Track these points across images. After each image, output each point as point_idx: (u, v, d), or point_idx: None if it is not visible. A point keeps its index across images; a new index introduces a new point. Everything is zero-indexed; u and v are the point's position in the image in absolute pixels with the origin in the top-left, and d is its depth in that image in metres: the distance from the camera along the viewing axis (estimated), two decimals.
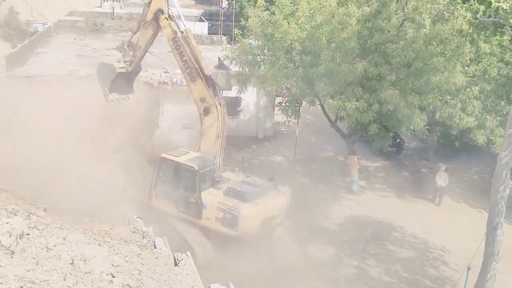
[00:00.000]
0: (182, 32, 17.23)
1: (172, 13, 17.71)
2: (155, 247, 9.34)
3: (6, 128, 17.50)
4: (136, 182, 17.78)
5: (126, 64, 18.96)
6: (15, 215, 6.20)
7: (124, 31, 40.79)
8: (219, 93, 17.09)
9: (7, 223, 5.53)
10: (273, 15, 20.71)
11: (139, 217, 14.16)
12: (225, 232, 15.58)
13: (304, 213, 20.19)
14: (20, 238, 5.53)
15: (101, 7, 52.04)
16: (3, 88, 21.62)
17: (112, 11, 46.68)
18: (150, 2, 17.90)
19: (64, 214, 9.11)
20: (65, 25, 40.76)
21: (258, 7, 21.50)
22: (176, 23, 17.46)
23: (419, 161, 27.34)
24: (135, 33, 18.80)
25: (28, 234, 5.86)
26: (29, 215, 6.63)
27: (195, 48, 16.97)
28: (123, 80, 19.06)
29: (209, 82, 16.86)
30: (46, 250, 5.85)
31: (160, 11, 17.38)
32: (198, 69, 16.74)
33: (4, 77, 24.31)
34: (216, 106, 16.68)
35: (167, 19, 17.29)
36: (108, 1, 53.13)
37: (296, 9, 20.36)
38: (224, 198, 15.75)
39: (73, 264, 5.88)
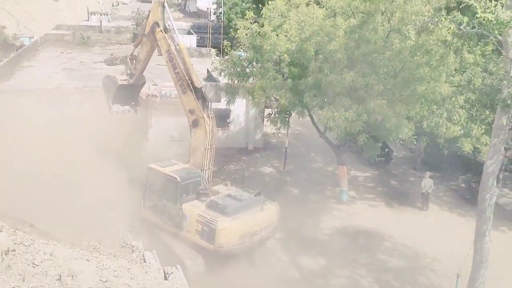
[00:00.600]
0: (176, 45, 17.49)
1: (168, 26, 18.08)
2: (145, 261, 9.29)
3: None
4: (125, 195, 17.67)
5: (128, 77, 19.40)
6: (1, 231, 6.11)
7: (112, 44, 40.87)
8: (209, 105, 17.11)
9: None
10: (261, 27, 20.83)
11: (128, 231, 14.08)
12: (203, 246, 15.41)
13: (295, 223, 20.19)
14: (6, 254, 5.45)
15: (88, 20, 52.08)
16: None
17: (99, 25, 46.71)
18: (148, 16, 18.52)
19: (51, 229, 9.02)
20: (52, 38, 40.73)
21: (247, 19, 21.62)
22: (172, 36, 17.79)
23: (408, 170, 27.52)
24: (137, 47, 19.24)
25: (14, 250, 5.78)
26: (15, 231, 6.54)
27: (187, 61, 17.22)
28: (126, 92, 19.51)
29: (199, 94, 17.02)
30: (33, 266, 5.77)
31: (156, 24, 17.84)
32: (189, 82, 16.92)
33: None
34: (205, 118, 16.78)
35: (162, 32, 17.66)
36: (96, 14, 53.24)
37: (284, 21, 20.49)
38: (204, 210, 15.65)
39: (60, 280, 5.81)
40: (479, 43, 17.79)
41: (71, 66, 31.58)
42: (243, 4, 50.61)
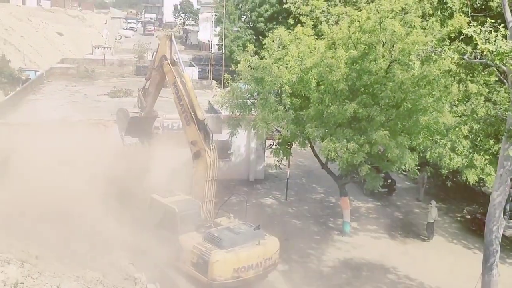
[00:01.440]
0: (181, 78, 17.86)
1: (176, 59, 18.45)
2: None
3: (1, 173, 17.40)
4: (127, 227, 17.55)
5: (140, 110, 19.84)
6: (9, 263, 6.06)
7: (115, 76, 41.27)
8: (211, 137, 17.20)
9: (1, 272, 5.40)
10: (262, 59, 21.06)
11: (130, 263, 13.95)
12: (197, 278, 15.19)
13: (297, 255, 19.97)
14: (15, 287, 5.39)
15: (92, 54, 52.84)
16: None
17: (103, 58, 47.32)
18: (157, 49, 18.91)
19: (56, 261, 8.93)
20: (57, 72, 41.08)
21: (248, 52, 21.89)
22: (178, 69, 18.15)
23: (411, 201, 27.38)
24: (148, 80, 19.64)
25: (23, 283, 5.72)
26: (22, 264, 6.48)
27: (192, 94, 17.53)
28: (139, 125, 19.90)
29: (201, 126, 17.15)
30: None
31: (164, 57, 18.26)
32: (193, 114, 17.13)
33: None
34: (206, 150, 16.88)
35: (169, 65, 18.06)
36: (99, 48, 54.06)
37: (286, 53, 20.74)
38: (200, 242, 15.50)
39: None
40: (482, 73, 17.92)
41: (75, 99, 31.82)
42: (245, 36, 51.42)
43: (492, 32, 10.77)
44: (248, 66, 21.23)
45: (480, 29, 10.35)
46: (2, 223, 12.76)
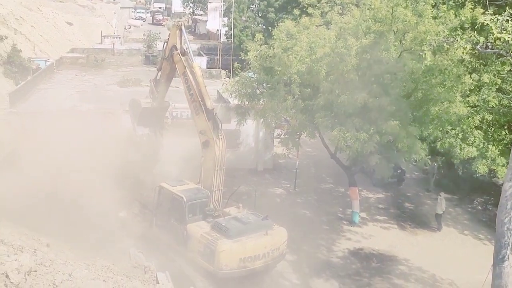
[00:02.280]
0: (191, 68, 17.90)
1: (186, 48, 18.50)
2: (158, 282, 9.20)
3: (11, 163, 17.55)
4: (136, 215, 17.68)
5: (152, 100, 19.89)
6: (22, 251, 6.09)
7: (124, 66, 41.29)
8: (220, 127, 17.22)
9: (15, 260, 5.43)
10: (272, 49, 20.95)
11: (140, 252, 14.01)
12: (204, 266, 15.26)
13: (306, 245, 19.97)
14: (28, 275, 5.42)
15: (101, 43, 52.80)
16: (7, 124, 21.73)
17: (112, 47, 47.32)
18: (167, 39, 18.91)
19: (66, 249, 8.98)
20: (67, 61, 41.20)
21: (257, 41, 21.77)
22: (189, 59, 18.20)
23: (421, 192, 27.22)
24: (159, 71, 19.68)
25: (36, 271, 5.75)
26: (35, 251, 6.52)
27: (201, 83, 17.56)
28: (151, 115, 19.91)
29: (210, 115, 17.18)
30: (53, 287, 5.73)
31: (174, 47, 18.29)
32: (202, 103, 17.15)
33: (8, 114, 24.44)
34: (215, 140, 16.90)
35: (179, 55, 18.12)
36: (109, 37, 54.03)
37: (295, 43, 20.60)
38: (208, 231, 15.55)
39: None
40: (495, 63, 17.68)
41: (85, 89, 31.89)
42: (254, 26, 51.17)
43: (509, 21, 10.54)
44: (257, 56, 21.13)
45: (497, 18, 10.14)
46: (14, 211, 12.87)
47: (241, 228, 15.51)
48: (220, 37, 55.34)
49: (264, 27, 48.60)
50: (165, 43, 19.12)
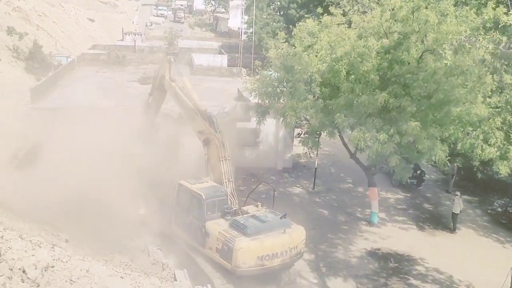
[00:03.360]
0: (180, 85, 19.24)
1: (176, 72, 19.81)
2: (175, 280, 9.29)
3: (33, 158, 17.87)
4: (155, 213, 17.85)
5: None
6: (40, 247, 6.20)
7: (145, 63, 41.61)
8: (215, 122, 17.85)
9: (33, 255, 5.53)
10: (293, 47, 20.90)
11: (158, 249, 14.16)
12: (222, 264, 15.31)
13: (324, 245, 19.94)
14: (45, 270, 5.51)
15: (122, 40, 53.30)
16: (28, 120, 22.09)
17: (133, 44, 47.73)
18: (158, 70, 20.71)
19: (85, 245, 9.12)
20: (88, 58, 41.63)
21: (278, 39, 21.74)
22: (176, 80, 19.48)
23: (440, 193, 26.96)
24: (151, 96, 21.22)
25: (53, 267, 5.84)
26: (53, 247, 6.63)
27: (192, 93, 18.95)
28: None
29: (204, 115, 18.03)
30: (70, 283, 5.82)
31: (164, 77, 19.86)
32: (195, 108, 18.29)
33: (29, 109, 24.83)
34: (213, 133, 17.52)
35: (168, 81, 19.58)
36: (130, 34, 54.49)
37: (315, 42, 20.51)
38: (226, 229, 15.59)
39: None
40: None
41: (105, 85, 32.22)
42: (274, 23, 51.05)
43: None
44: (278, 54, 21.09)
45: None
46: (34, 207, 13.09)
47: (259, 226, 15.54)
48: (241, 35, 55.38)
49: (284, 25, 48.45)
50: (157, 72, 20.76)
